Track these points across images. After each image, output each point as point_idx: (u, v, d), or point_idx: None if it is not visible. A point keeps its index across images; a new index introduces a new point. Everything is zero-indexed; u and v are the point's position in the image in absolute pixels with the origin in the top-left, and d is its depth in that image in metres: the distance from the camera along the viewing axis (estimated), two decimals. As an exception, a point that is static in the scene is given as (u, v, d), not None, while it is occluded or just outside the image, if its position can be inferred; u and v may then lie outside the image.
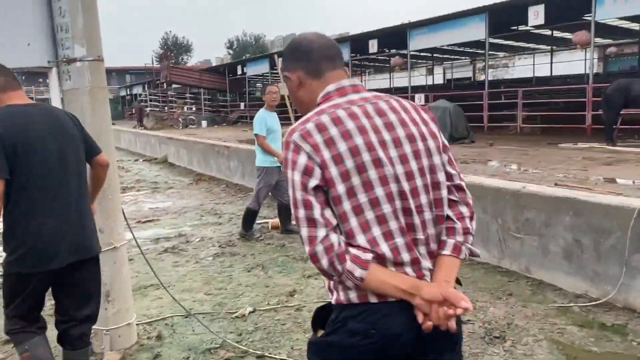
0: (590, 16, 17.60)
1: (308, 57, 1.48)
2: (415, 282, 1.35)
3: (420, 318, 1.32)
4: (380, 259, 1.34)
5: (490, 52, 29.35)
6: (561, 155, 10.77)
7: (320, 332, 1.46)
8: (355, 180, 1.32)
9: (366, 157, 1.33)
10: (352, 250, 1.33)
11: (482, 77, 37.71)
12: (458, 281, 1.48)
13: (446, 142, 1.54)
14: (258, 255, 5.12)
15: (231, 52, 66.90)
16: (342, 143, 1.33)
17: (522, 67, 36.73)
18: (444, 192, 1.45)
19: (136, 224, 6.72)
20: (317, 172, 1.32)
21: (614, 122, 12.19)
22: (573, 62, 31.14)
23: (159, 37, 70.84)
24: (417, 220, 1.39)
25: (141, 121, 28.43)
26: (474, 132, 14.59)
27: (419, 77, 35.81)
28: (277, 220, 6.25)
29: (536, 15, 14.65)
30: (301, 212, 1.33)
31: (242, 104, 33.58)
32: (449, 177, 1.49)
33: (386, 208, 1.35)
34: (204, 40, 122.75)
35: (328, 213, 1.33)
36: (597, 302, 3.58)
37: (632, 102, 11.76)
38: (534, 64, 32.52)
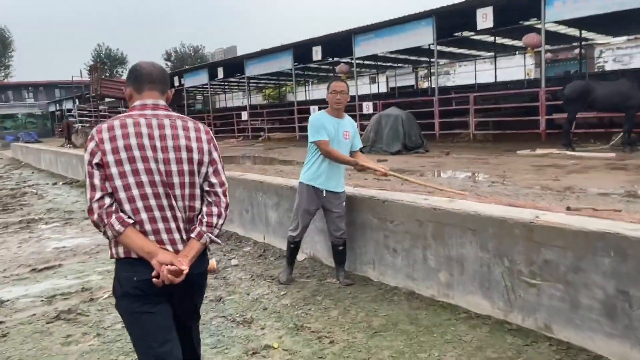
0: (534, 20, 17.48)
1: (136, 78, 2.08)
2: (155, 248, 1.95)
3: (154, 274, 1.92)
4: (140, 224, 1.94)
5: (434, 60, 29.20)
6: (524, 163, 10.08)
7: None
8: (127, 167, 1.91)
9: (137, 153, 1.92)
10: (120, 213, 1.92)
11: (425, 85, 37.81)
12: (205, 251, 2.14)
13: (217, 159, 2.10)
14: (185, 317, 3.81)
15: (169, 63, 64.41)
16: (121, 141, 1.92)
17: (463, 74, 37.09)
18: (197, 191, 2.06)
19: (30, 273, 5.23)
20: (99, 155, 1.91)
21: (571, 126, 11.72)
22: (510, 69, 31.62)
23: (92, 50, 66.97)
24: (173, 203, 1.99)
25: (69, 138, 26.08)
26: (427, 140, 13.83)
27: (363, 86, 35.32)
28: (212, 262, 4.96)
29: (485, 18, 14.12)
30: (88, 180, 1.92)
31: (180, 117, 31.72)
32: (211, 184, 2.08)
33: (148, 189, 1.94)
34: (141, 53, 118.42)
35: (106, 184, 1.91)
36: (661, 379, 2.57)
37: (591, 104, 11.30)
38: (475, 71, 32.76)
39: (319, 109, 21.29)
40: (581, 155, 10.66)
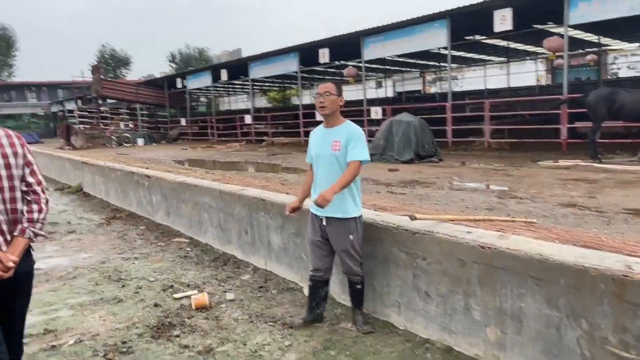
0: (551, 23, 16.70)
1: None
2: None
3: None
4: None
5: (443, 64, 28.41)
6: (549, 176, 9.25)
7: None
8: None
9: None
10: None
11: (432, 90, 37.01)
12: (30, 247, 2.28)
13: (31, 160, 2.25)
14: (165, 377, 3.04)
15: (173, 65, 63.85)
16: None
17: (470, 80, 36.27)
18: (18, 194, 2.19)
19: (-10, 304, 4.46)
20: None
21: (597, 136, 10.91)
22: (521, 74, 30.81)
23: (96, 50, 66.71)
24: None
25: (69, 140, 25.44)
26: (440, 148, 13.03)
27: (369, 90, 34.58)
28: (203, 297, 4.18)
29: (503, 20, 13.32)
30: None
31: (183, 120, 31.05)
32: (28, 184, 2.22)
33: None
34: (145, 54, 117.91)
35: None
36: None
37: (616, 113, 10.50)
38: (485, 76, 31.98)
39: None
40: (611, 168, 9.84)
